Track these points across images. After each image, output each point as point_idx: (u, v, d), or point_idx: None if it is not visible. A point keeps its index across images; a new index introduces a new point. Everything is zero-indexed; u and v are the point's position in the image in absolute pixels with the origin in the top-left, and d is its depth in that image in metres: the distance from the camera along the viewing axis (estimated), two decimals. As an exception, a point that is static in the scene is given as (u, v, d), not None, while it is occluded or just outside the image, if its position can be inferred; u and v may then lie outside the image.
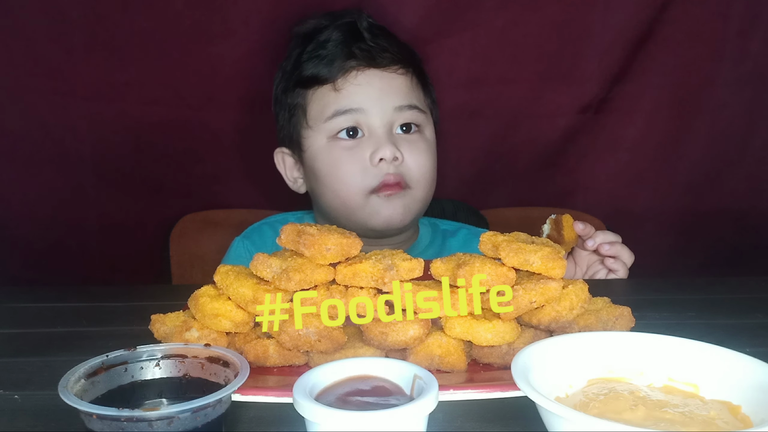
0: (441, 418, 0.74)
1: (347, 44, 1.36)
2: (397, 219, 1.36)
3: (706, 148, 1.78)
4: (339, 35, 1.38)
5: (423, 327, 0.82)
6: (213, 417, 0.66)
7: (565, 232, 1.22)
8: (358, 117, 1.34)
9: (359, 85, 1.35)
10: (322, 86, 1.36)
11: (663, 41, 1.67)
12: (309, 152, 1.38)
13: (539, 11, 1.64)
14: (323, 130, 1.36)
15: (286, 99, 1.41)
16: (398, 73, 1.39)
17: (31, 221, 1.69)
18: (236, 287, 0.84)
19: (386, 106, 1.35)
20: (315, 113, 1.36)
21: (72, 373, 0.68)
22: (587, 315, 0.88)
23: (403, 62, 1.41)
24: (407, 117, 1.38)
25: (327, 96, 1.35)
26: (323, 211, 1.44)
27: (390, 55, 1.39)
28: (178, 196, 1.73)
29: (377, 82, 1.36)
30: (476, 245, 1.53)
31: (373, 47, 1.38)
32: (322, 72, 1.35)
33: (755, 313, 1.14)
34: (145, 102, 1.63)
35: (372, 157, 1.32)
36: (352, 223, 1.35)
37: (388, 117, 1.35)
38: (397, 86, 1.39)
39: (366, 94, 1.35)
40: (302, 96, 1.38)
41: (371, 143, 1.34)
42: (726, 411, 0.67)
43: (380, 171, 1.33)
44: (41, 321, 1.13)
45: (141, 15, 1.57)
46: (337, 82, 1.34)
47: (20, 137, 1.63)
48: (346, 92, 1.34)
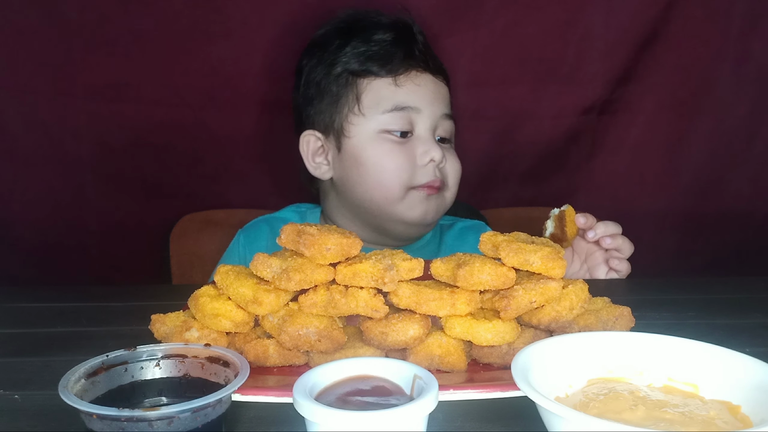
0: (441, 418, 0.75)
1: (405, 44, 1.40)
2: (430, 216, 1.41)
3: (709, 150, 1.77)
4: (392, 33, 1.40)
5: (423, 327, 0.82)
6: (213, 417, 0.66)
7: (568, 228, 1.22)
8: (413, 116, 1.38)
9: (419, 85, 1.39)
10: (380, 78, 1.38)
11: (666, 42, 1.67)
12: (356, 139, 1.38)
13: (542, 12, 1.64)
14: (377, 121, 1.37)
15: (329, 85, 1.41)
16: (443, 82, 1.45)
17: (30, 221, 1.69)
18: (236, 287, 0.84)
19: (436, 111, 1.40)
20: (370, 103, 1.38)
21: (72, 373, 0.68)
22: (587, 315, 0.88)
23: (444, 73, 1.46)
24: (446, 126, 1.43)
25: (386, 89, 1.38)
26: (351, 201, 1.43)
27: (438, 62, 1.45)
28: (178, 196, 1.73)
29: (432, 86, 1.41)
30: (471, 238, 1.54)
31: (428, 53, 1.43)
32: (379, 68, 1.37)
33: (755, 313, 1.14)
34: (145, 102, 1.63)
35: (422, 156, 1.36)
36: (386, 216, 1.39)
37: (435, 122, 1.40)
38: (444, 95, 1.44)
39: (423, 96, 1.39)
40: (353, 83, 1.39)
41: (420, 143, 1.37)
42: (726, 411, 0.67)
43: (427, 171, 1.37)
44: (41, 321, 1.13)
45: (140, 15, 1.57)
46: (398, 78, 1.37)
47: (20, 137, 1.63)
48: (407, 89, 1.37)
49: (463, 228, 1.56)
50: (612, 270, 1.31)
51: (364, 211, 1.41)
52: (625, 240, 1.30)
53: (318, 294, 0.83)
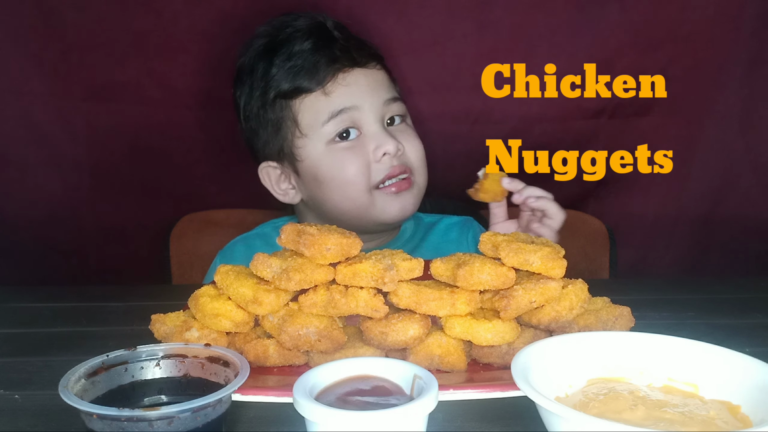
0: (441, 418, 0.75)
1: (325, 48, 1.35)
2: (408, 210, 1.39)
3: (719, 153, 1.75)
4: (311, 40, 1.36)
5: (423, 327, 0.82)
6: (213, 417, 0.66)
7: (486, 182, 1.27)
8: (353, 115, 1.34)
9: (348, 85, 1.35)
10: (310, 94, 1.35)
11: (676, 44, 1.65)
12: (308, 161, 1.36)
13: (549, 12, 1.62)
14: (320, 136, 1.34)
15: (266, 114, 1.38)
16: (377, 69, 1.40)
17: (29, 222, 1.69)
18: (236, 287, 0.84)
19: (376, 102, 1.36)
20: (308, 121, 1.35)
21: (72, 373, 0.68)
22: (587, 315, 0.88)
23: (376, 57, 1.41)
24: (395, 109, 1.39)
25: (317, 102, 1.34)
26: (327, 217, 1.41)
27: (365, 51, 1.40)
28: (176, 196, 1.73)
29: (363, 79, 1.37)
30: (456, 234, 1.52)
31: (350, 46, 1.38)
32: (309, 81, 1.34)
33: (755, 313, 1.14)
34: (142, 103, 1.63)
35: (375, 152, 1.34)
36: (364, 222, 1.37)
37: (379, 112, 1.36)
38: (381, 81, 1.40)
39: (356, 93, 1.35)
40: (288, 107, 1.36)
41: (370, 140, 1.34)
42: (725, 411, 0.67)
43: (384, 165, 1.34)
44: (41, 321, 1.13)
45: (137, 16, 1.57)
46: (326, 87, 1.34)
47: (16, 139, 1.63)
48: (337, 94, 1.34)
49: (449, 224, 1.55)
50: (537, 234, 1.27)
51: (343, 224, 1.39)
52: (553, 203, 1.27)
53: (318, 294, 0.83)
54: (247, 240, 1.50)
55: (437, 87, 1.66)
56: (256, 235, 1.51)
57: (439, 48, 1.63)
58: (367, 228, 1.38)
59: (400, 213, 1.37)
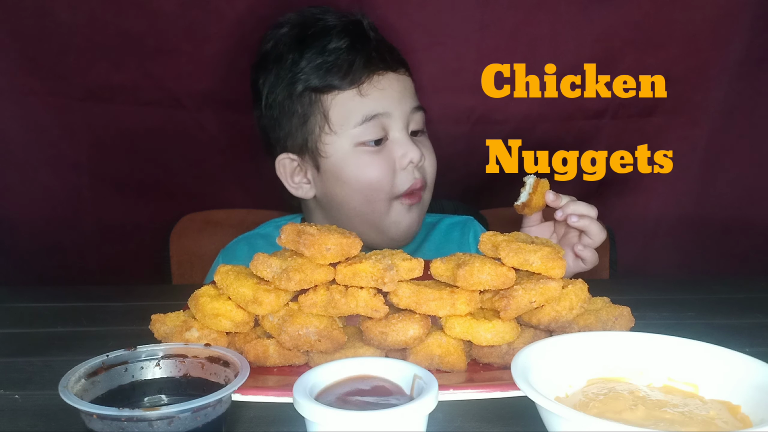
0: (441, 418, 0.75)
1: (362, 48, 1.34)
2: (413, 229, 1.39)
3: (719, 154, 1.75)
4: (348, 39, 1.34)
5: (423, 327, 0.82)
6: (213, 417, 0.66)
7: (535, 197, 1.20)
8: (385, 121, 1.33)
9: (383, 89, 1.34)
10: (344, 92, 1.33)
11: (677, 44, 1.65)
12: (334, 158, 1.34)
13: (549, 12, 1.62)
14: (350, 136, 1.33)
15: (293, 105, 1.36)
16: (406, 75, 1.40)
17: (29, 223, 1.69)
18: (236, 287, 0.84)
19: (405, 109, 1.36)
20: (339, 119, 1.33)
21: (72, 373, 0.68)
22: (587, 315, 0.88)
23: (404, 63, 1.41)
24: (418, 119, 1.39)
25: (351, 102, 1.33)
26: (338, 218, 1.40)
27: (395, 56, 1.39)
28: (176, 196, 1.73)
29: (396, 84, 1.36)
30: (457, 234, 1.52)
31: (384, 50, 1.37)
32: (341, 80, 1.32)
33: (755, 313, 1.14)
34: (142, 103, 1.63)
35: (401, 159, 1.33)
36: (374, 230, 1.36)
37: (406, 119, 1.36)
38: (409, 87, 1.40)
39: (390, 98, 1.34)
40: (318, 102, 1.34)
41: (398, 146, 1.34)
42: (725, 411, 0.67)
43: (408, 174, 1.34)
44: (41, 321, 1.13)
45: (136, 16, 1.56)
46: (362, 87, 1.32)
47: (16, 139, 1.63)
48: (373, 97, 1.33)
49: (450, 224, 1.55)
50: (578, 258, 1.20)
51: (352, 227, 1.38)
52: (595, 223, 1.19)
53: (318, 294, 0.83)
54: (249, 239, 1.49)
55: (437, 87, 1.66)
56: (258, 235, 1.50)
57: (439, 48, 1.63)
58: (372, 240, 1.36)
59: (407, 229, 1.38)
